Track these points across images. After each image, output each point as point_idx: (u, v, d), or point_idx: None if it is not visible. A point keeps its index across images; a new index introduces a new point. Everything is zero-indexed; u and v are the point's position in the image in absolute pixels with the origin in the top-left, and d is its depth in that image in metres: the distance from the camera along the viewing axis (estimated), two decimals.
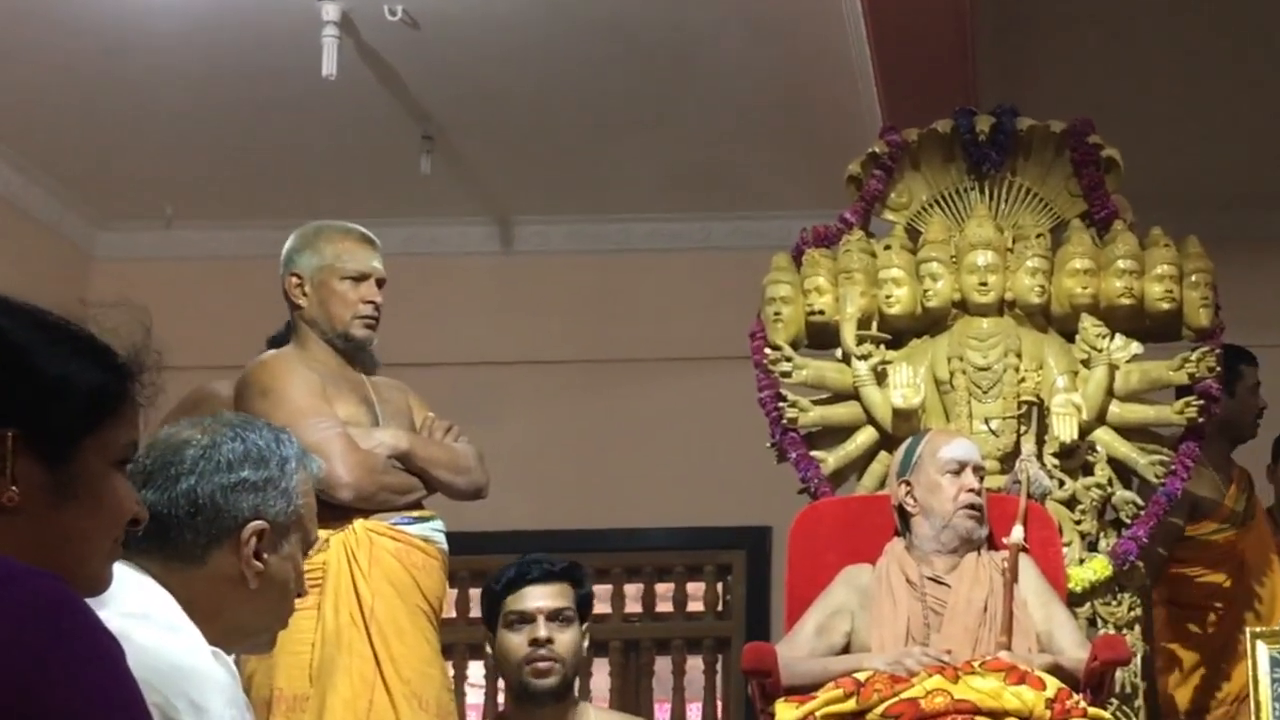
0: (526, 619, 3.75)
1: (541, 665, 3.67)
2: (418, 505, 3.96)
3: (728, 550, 7.28)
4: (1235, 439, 5.62)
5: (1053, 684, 3.72)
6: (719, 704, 7.27)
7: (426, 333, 6.82)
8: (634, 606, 7.45)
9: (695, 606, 7.43)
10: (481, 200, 7.15)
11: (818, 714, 3.70)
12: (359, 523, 3.81)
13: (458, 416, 4.21)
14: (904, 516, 4.23)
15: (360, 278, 4.01)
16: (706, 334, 6.84)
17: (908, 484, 4.22)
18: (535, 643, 3.71)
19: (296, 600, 2.30)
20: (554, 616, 3.74)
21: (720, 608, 7.40)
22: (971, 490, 4.15)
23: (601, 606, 7.21)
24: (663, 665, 7.38)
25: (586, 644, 3.85)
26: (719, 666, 7.30)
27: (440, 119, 6.37)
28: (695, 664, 7.38)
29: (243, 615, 2.18)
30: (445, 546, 3.96)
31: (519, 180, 6.96)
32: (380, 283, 4.06)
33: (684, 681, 7.33)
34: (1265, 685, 4.45)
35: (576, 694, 3.84)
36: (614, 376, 7.26)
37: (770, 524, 6.53)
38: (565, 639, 3.72)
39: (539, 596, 3.75)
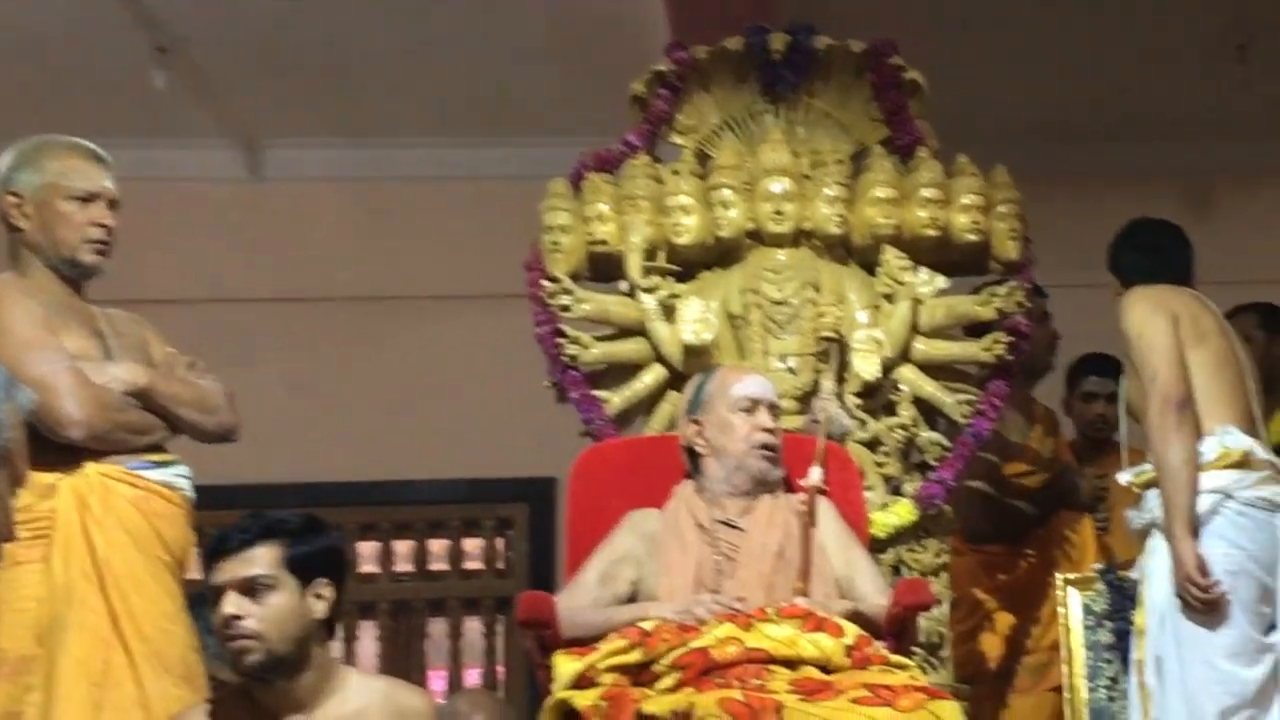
0: (219, 595, 3.44)
1: (234, 645, 3.39)
2: (158, 448, 3.89)
3: (508, 503, 7.32)
4: (1031, 374, 5.74)
5: (852, 631, 3.78)
6: (499, 668, 7.32)
7: (167, 265, 6.72)
8: (405, 565, 7.44)
9: (473, 564, 7.46)
10: (226, 121, 7.05)
11: (600, 666, 3.70)
12: (91, 466, 3.74)
13: (204, 358, 4.15)
14: (694, 458, 4.26)
15: (88, 198, 3.93)
16: (481, 269, 6.78)
17: (697, 423, 4.25)
18: (223, 622, 3.41)
19: (20, 552, 2.21)
20: (246, 589, 3.41)
21: (501, 565, 7.44)
22: (766, 429, 4.20)
23: (368, 565, 7.23)
24: (437, 628, 7.40)
25: (325, 605, 3.48)
26: (499, 628, 7.35)
27: (175, 28, 6.23)
28: (473, 626, 7.43)
29: None
30: (191, 494, 3.90)
31: (267, 100, 6.86)
32: (112, 204, 3.97)
33: (461, 645, 7.36)
34: (1078, 633, 4.59)
35: (322, 661, 3.58)
36: (379, 315, 7.21)
37: (555, 475, 6.52)
38: (262, 610, 3.38)
39: (227, 568, 3.43)
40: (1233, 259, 6.63)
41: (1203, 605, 4.13)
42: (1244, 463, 4.28)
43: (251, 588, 3.42)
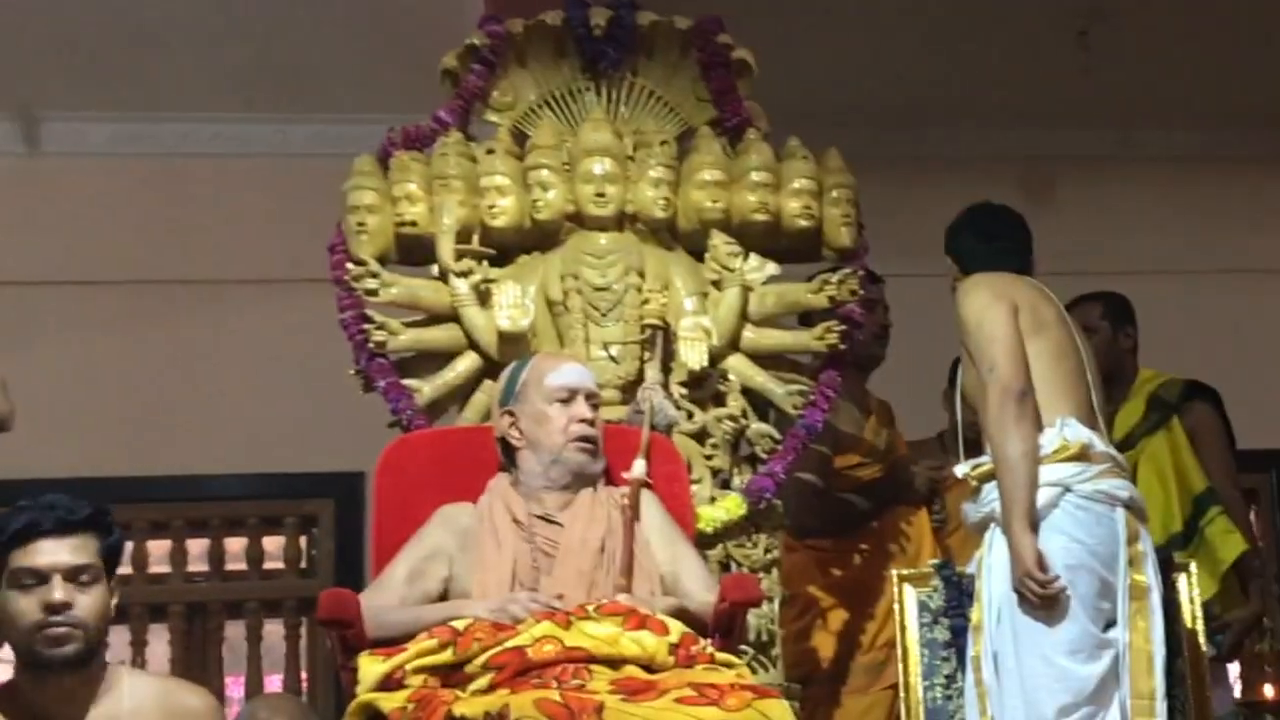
0: (41, 578, 3.52)
1: (57, 632, 3.47)
2: None
3: (313, 499, 7.33)
4: (863, 365, 5.79)
5: (677, 628, 3.77)
6: (303, 674, 7.29)
7: None
8: (199, 565, 7.38)
9: (274, 564, 7.43)
10: None
11: (408, 667, 3.66)
12: None
13: None
14: (509, 450, 4.25)
15: None
16: (282, 251, 6.79)
17: (511, 414, 4.24)
18: (50, 608, 3.49)
19: None
20: (73, 576, 3.51)
21: (304, 565, 7.43)
22: (583, 420, 4.19)
23: (159, 565, 7.13)
24: (235, 631, 7.35)
25: (115, 601, 3.63)
26: (303, 631, 7.33)
27: None
28: (274, 629, 7.39)
29: None
30: None
31: (47, 69, 6.73)
32: None
33: (261, 649, 7.32)
34: (913, 631, 4.62)
35: (104, 659, 3.63)
36: (173, 300, 7.14)
37: (363, 469, 6.41)
38: (88, 601, 3.51)
39: (54, 551, 3.51)
40: (1073, 249, 6.77)
41: (1041, 601, 4.19)
42: (1083, 455, 4.35)
43: (80, 576, 3.51)
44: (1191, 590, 4.75)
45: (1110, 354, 5.74)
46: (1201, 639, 4.68)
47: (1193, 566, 4.83)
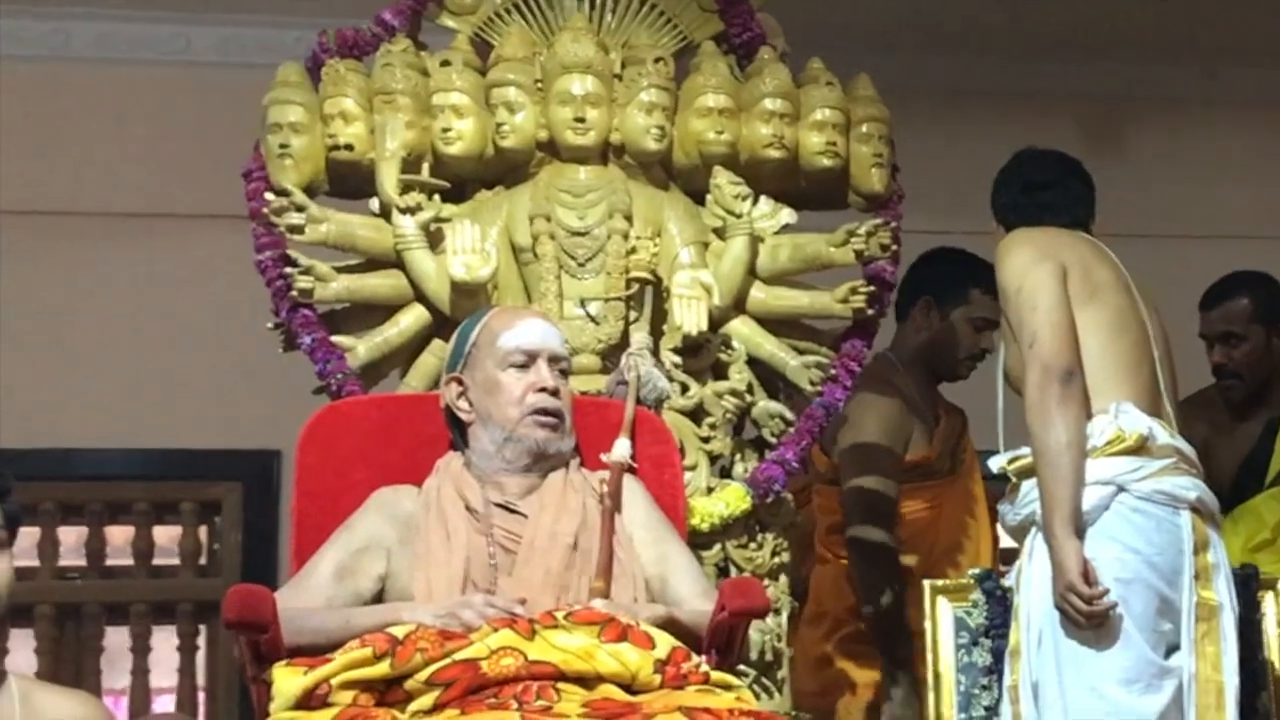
0: None
1: None
2: None
3: (217, 482, 7.35)
4: (937, 374, 5.92)
5: (665, 642, 3.76)
6: (200, 692, 7.32)
7: None
8: (74, 559, 7.39)
9: (166, 559, 7.45)
10: None
11: (335, 681, 3.62)
12: None
13: None
14: (458, 425, 4.24)
15: None
16: (183, 178, 6.81)
17: (459, 381, 4.24)
18: None
19: None
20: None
21: (204, 560, 7.44)
22: (544, 389, 4.17)
23: (24, 558, 7.12)
24: (117, 639, 7.36)
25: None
26: (200, 640, 7.34)
27: None
28: (166, 637, 7.40)
29: None
30: None
31: None
32: None
33: (149, 661, 7.34)
34: (948, 650, 4.62)
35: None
36: (42, 235, 7.14)
37: (279, 446, 6.59)
38: None
39: None
40: (1144, 207, 6.80)
41: (1087, 620, 4.19)
42: (1141, 448, 4.35)
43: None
44: None
45: (1266, 364, 5.74)
46: None
47: None
